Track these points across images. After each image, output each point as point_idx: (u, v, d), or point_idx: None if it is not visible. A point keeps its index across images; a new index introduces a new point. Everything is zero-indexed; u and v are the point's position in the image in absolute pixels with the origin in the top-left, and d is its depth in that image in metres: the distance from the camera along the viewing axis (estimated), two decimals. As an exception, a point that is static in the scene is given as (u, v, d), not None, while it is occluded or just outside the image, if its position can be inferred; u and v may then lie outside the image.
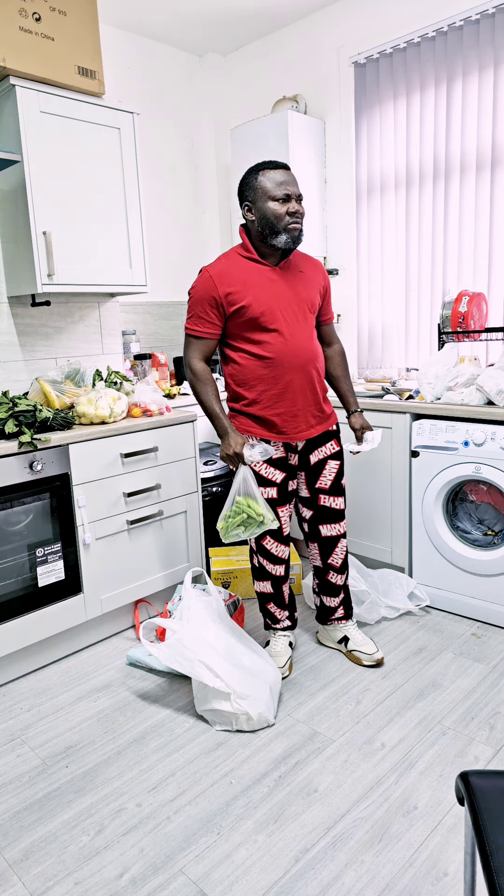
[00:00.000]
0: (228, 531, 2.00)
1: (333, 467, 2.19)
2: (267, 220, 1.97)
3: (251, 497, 1.99)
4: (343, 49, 3.21)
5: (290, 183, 1.97)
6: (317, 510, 2.22)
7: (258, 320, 2.00)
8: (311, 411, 2.11)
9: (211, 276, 2.00)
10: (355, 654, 2.28)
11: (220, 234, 3.86)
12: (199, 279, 2.03)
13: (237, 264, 2.04)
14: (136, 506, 2.53)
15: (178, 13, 3.22)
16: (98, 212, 2.59)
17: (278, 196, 1.95)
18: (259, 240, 2.03)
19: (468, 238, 2.94)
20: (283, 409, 2.07)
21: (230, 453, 2.02)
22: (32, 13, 2.28)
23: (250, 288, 1.99)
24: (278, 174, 1.96)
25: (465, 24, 2.77)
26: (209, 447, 3.19)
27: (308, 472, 2.19)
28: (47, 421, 2.29)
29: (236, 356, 2.07)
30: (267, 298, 2.00)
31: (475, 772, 1.08)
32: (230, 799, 1.68)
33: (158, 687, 2.21)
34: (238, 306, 1.99)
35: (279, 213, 1.95)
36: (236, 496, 2.00)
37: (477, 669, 2.20)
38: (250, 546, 2.24)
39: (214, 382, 2.10)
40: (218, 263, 2.05)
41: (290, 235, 1.98)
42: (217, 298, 2.00)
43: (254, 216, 2.00)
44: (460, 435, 2.44)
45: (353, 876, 1.44)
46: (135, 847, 1.55)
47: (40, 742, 1.96)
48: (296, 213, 1.96)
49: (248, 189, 2.01)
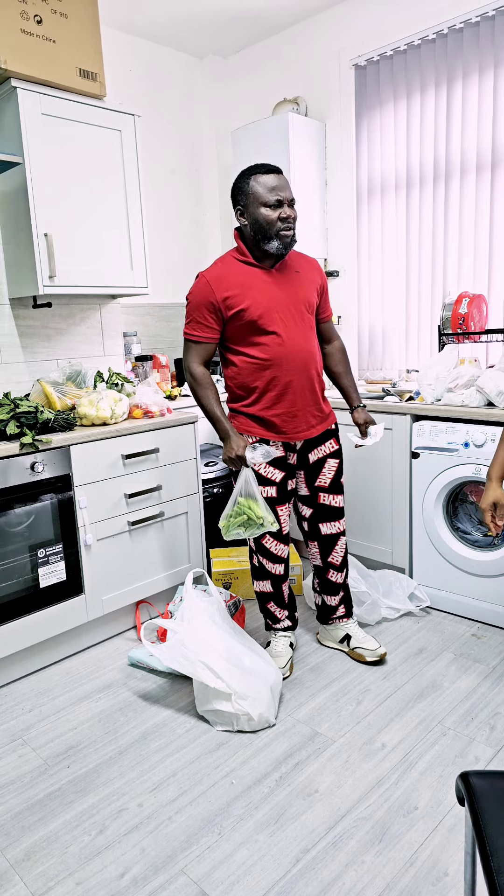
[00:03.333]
0: (229, 530, 2.03)
1: (333, 465, 2.20)
2: (259, 226, 1.97)
3: (252, 499, 2.02)
4: (343, 51, 3.22)
5: (283, 188, 1.96)
6: (316, 508, 2.23)
7: (256, 323, 2.01)
8: (310, 411, 2.13)
9: (208, 282, 2.01)
10: (358, 651, 2.29)
11: (220, 236, 3.87)
12: (196, 284, 2.04)
13: (233, 268, 2.04)
14: (138, 507, 2.53)
15: (179, 16, 3.23)
16: (99, 214, 2.59)
17: (270, 202, 1.94)
18: (252, 244, 2.03)
19: (468, 240, 2.95)
20: (282, 410, 2.08)
21: (232, 456, 2.03)
22: (34, 16, 2.29)
23: (247, 291, 2.00)
24: (270, 179, 1.95)
25: (465, 27, 2.78)
26: (210, 448, 3.20)
27: (307, 470, 2.21)
28: (49, 422, 2.29)
29: (236, 359, 2.08)
30: (264, 301, 2.01)
31: (475, 772, 1.08)
32: (231, 799, 1.69)
33: (159, 687, 2.22)
34: (236, 310, 2.00)
35: (271, 219, 1.95)
36: (238, 497, 2.03)
37: (477, 670, 2.21)
38: (250, 546, 2.25)
39: (215, 386, 2.11)
40: (214, 268, 2.05)
41: (282, 241, 1.98)
42: (215, 303, 2.00)
43: (246, 220, 2.00)
44: (461, 436, 2.45)
45: (354, 876, 1.44)
46: (136, 847, 1.56)
47: (42, 742, 1.97)
48: (287, 218, 1.96)
49: (240, 193, 2.01)
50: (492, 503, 1.58)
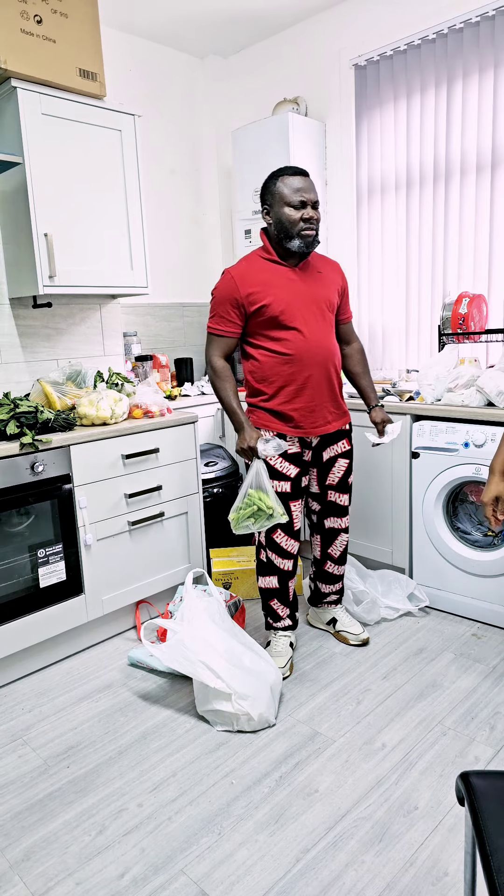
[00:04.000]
0: (239, 522, 2.07)
1: (343, 465, 2.27)
2: (282, 225, 2.05)
3: (263, 491, 2.06)
4: (344, 51, 3.22)
5: (307, 190, 2.04)
6: (324, 505, 2.32)
7: (278, 318, 2.07)
8: (327, 407, 2.19)
9: (233, 278, 2.09)
10: (342, 634, 2.42)
11: (220, 236, 3.87)
12: (221, 280, 2.13)
13: (258, 266, 2.12)
14: (138, 507, 2.53)
15: (180, 16, 3.23)
16: (99, 213, 2.59)
17: (294, 202, 2.03)
18: (276, 242, 2.11)
19: (468, 240, 2.95)
20: (301, 405, 2.14)
21: (245, 447, 2.10)
22: (34, 15, 2.29)
23: (270, 288, 2.07)
24: (296, 180, 2.04)
25: (465, 27, 2.78)
26: (210, 448, 3.19)
27: (319, 468, 2.28)
28: (49, 422, 2.29)
29: (256, 353, 2.15)
30: (286, 297, 2.07)
31: (475, 772, 1.08)
32: (231, 799, 1.69)
33: (159, 687, 2.22)
34: (259, 305, 2.06)
35: (293, 219, 2.03)
36: (248, 489, 2.07)
37: (477, 670, 2.21)
38: (258, 541, 2.28)
39: (233, 379, 2.18)
40: (239, 265, 2.14)
41: (304, 241, 2.05)
42: (238, 299, 2.08)
43: (271, 219, 2.09)
44: (460, 436, 2.45)
45: (354, 876, 1.44)
46: (136, 847, 1.56)
47: (42, 742, 1.97)
48: (310, 219, 2.04)
49: (267, 193, 2.10)
50: (494, 497, 1.57)
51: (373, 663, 2.29)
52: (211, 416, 3.31)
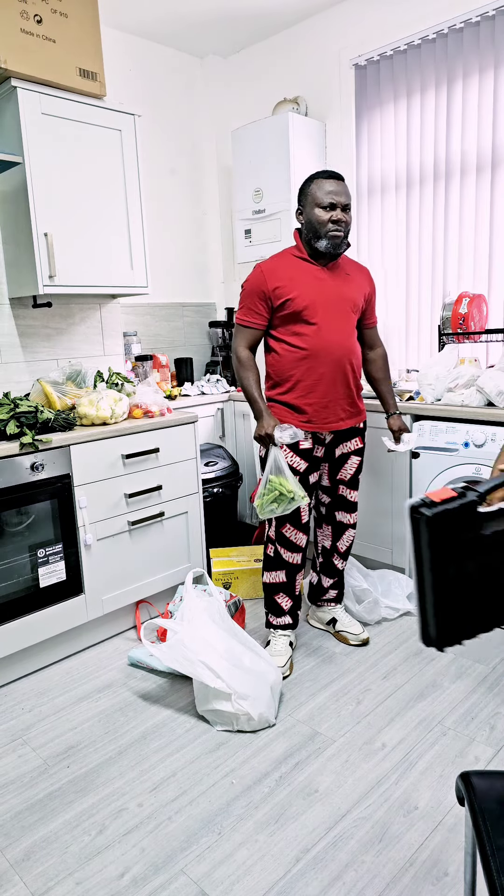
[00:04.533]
0: (264, 507, 2.12)
1: (354, 462, 2.32)
2: (311, 225, 2.12)
3: (282, 475, 2.11)
4: (343, 51, 3.21)
5: (339, 193, 2.10)
6: (334, 499, 2.38)
7: (301, 313, 2.12)
8: (341, 405, 2.22)
9: (262, 272, 2.16)
10: (343, 634, 2.44)
11: (220, 236, 3.87)
12: (252, 274, 2.20)
13: (288, 262, 2.18)
14: (138, 507, 2.53)
15: (179, 15, 3.23)
16: (99, 213, 2.59)
17: (324, 203, 2.09)
18: (306, 241, 2.16)
19: (468, 239, 2.95)
20: (314, 400, 2.17)
21: (262, 434, 2.15)
22: (34, 15, 2.29)
23: (297, 283, 2.13)
24: (329, 183, 2.10)
25: (465, 27, 2.78)
26: (210, 448, 3.19)
27: (331, 463, 2.32)
28: (49, 422, 2.29)
29: (278, 346, 2.20)
30: (311, 294, 2.12)
31: (476, 772, 1.08)
32: (231, 799, 1.69)
33: (159, 687, 2.22)
34: (284, 299, 2.12)
35: (322, 220, 2.09)
36: (269, 475, 2.13)
37: (477, 670, 2.21)
38: (267, 535, 2.31)
39: (256, 369, 2.23)
40: (271, 261, 2.21)
41: (332, 241, 2.11)
42: (266, 292, 2.14)
43: (303, 219, 2.16)
44: (461, 436, 2.45)
45: (354, 876, 1.44)
46: (136, 847, 1.55)
47: (42, 742, 1.97)
48: (338, 221, 2.08)
49: (301, 195, 2.17)
50: None
51: (373, 663, 2.29)
52: (211, 416, 3.31)
